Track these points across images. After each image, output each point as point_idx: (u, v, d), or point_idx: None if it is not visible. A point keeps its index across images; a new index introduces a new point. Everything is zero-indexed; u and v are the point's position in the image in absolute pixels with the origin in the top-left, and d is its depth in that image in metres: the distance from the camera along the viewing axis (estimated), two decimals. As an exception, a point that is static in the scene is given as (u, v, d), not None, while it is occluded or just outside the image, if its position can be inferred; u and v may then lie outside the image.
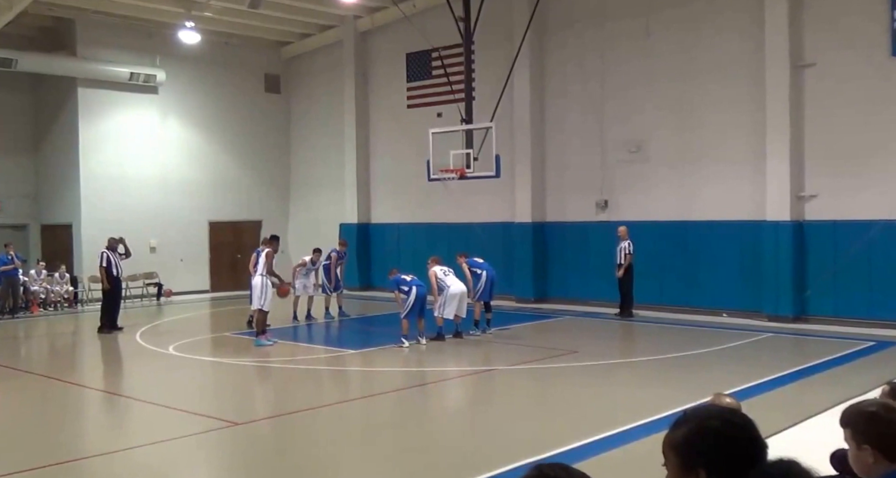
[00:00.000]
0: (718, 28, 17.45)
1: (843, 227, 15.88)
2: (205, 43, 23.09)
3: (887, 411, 2.90)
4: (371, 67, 24.48)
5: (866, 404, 3.00)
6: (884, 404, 3.01)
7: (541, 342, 14.68)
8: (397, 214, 23.52)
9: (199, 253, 24.32)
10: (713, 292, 17.46)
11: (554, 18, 20.19)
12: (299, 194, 26.79)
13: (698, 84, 17.75)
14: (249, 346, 14.32)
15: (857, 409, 2.95)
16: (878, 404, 2.99)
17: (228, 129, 25.15)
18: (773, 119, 16.42)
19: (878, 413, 2.88)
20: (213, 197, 24.73)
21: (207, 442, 8.54)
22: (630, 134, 18.86)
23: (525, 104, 20.40)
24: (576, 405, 9.94)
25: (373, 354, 13.95)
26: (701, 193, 17.80)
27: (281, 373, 12.56)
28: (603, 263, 18.18)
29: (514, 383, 11.71)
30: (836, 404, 8.81)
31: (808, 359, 12.55)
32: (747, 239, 17.01)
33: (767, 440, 2.12)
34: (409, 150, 22.23)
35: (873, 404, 2.99)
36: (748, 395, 9.25)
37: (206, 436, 8.69)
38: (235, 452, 8.30)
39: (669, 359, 12.63)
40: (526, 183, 20.46)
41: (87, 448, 8.39)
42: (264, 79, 26.18)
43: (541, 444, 7.92)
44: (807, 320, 16.11)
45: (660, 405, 8.94)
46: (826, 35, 15.95)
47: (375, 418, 9.80)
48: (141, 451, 8.06)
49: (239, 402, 10.69)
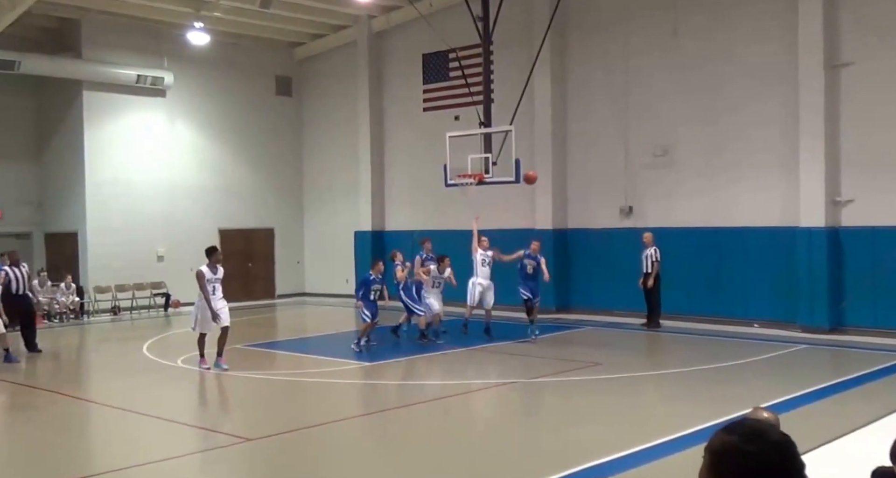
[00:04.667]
0: (750, 25, 17.39)
1: (882, 233, 15.75)
2: (214, 44, 23.25)
3: None
4: (386, 69, 24.56)
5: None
6: None
7: (562, 354, 14.66)
8: (413, 221, 23.54)
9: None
10: (744, 302, 17.36)
11: (576, 17, 20.20)
12: (312, 201, 26.89)
13: (727, 84, 17.69)
14: (262, 358, 14.37)
15: None
16: None
17: (239, 133, 25.29)
18: (806, 120, 16.34)
19: None
20: (223, 204, 24.84)
21: (217, 459, 8.56)
22: (656, 137, 18.82)
23: (546, 107, 20.40)
24: (601, 420, 9.90)
25: (384, 367, 13.96)
26: (730, 198, 17.73)
27: (294, 386, 12.59)
28: (628, 272, 18.12)
29: (535, 396, 11.69)
30: (876, 419, 8.75)
31: (846, 372, 12.44)
32: (780, 246, 16.92)
33: (805, 456, 2.11)
34: (426, 154, 22.27)
35: None
36: (783, 409, 9.17)
37: (215, 453, 8.71)
38: (246, 469, 8.33)
39: (698, 371, 12.56)
40: (547, 188, 20.44)
41: (93, 466, 8.42)
42: (276, 81, 26.31)
43: (564, 459, 7.89)
44: (844, 332, 15.97)
45: (690, 420, 8.89)
46: (863, 33, 15.86)
47: (394, 433, 9.80)
48: (147, 469, 8.09)
49: (251, 417, 10.72)
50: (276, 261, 26.23)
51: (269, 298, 25.49)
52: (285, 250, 26.39)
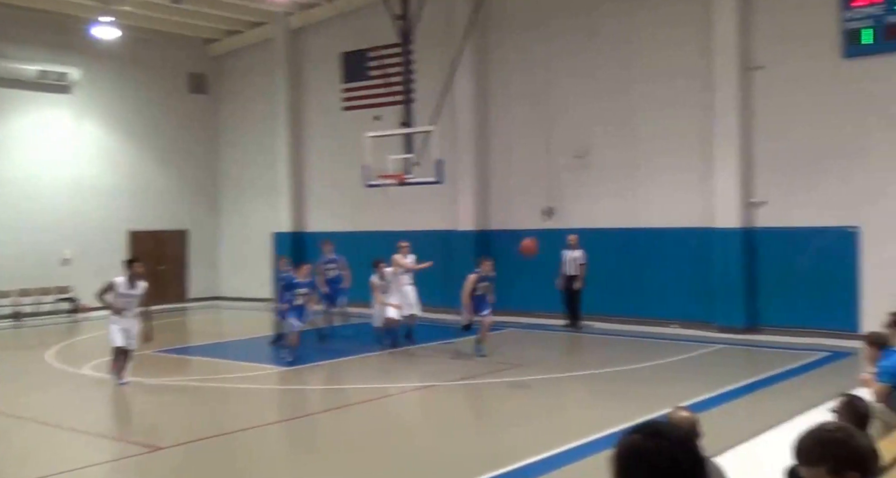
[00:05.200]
0: (666, 29, 17.73)
1: (795, 234, 16.24)
2: (124, 39, 22.57)
3: (850, 432, 2.89)
4: (305, 67, 24.30)
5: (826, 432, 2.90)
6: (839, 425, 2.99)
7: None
8: (334, 222, 23.33)
9: (118, 265, 23.72)
10: (662, 303, 17.69)
11: (497, 18, 20.30)
12: (229, 202, 26.40)
13: (644, 86, 18.00)
14: (174, 364, 14.02)
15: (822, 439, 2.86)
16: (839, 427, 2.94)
17: (150, 131, 24.65)
18: (721, 123, 16.75)
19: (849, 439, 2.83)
20: (133, 204, 24.18)
21: (125, 469, 8.32)
22: (576, 139, 19.05)
23: (467, 107, 20.46)
24: (522, 422, 9.94)
25: (303, 372, 13.75)
26: (649, 200, 18.05)
27: (207, 392, 12.29)
28: (550, 273, 18.26)
29: (454, 399, 11.67)
30: (790, 418, 8.99)
31: (761, 371, 12.78)
32: (696, 247, 17.29)
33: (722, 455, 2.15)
34: (346, 154, 22.07)
35: (835, 429, 2.92)
36: (701, 408, 9.34)
37: (124, 462, 8.45)
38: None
39: (619, 372, 12.74)
40: (469, 189, 20.51)
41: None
42: (189, 78, 25.75)
43: (485, 463, 7.88)
44: (759, 331, 16.42)
45: (611, 421, 8.98)
46: (776, 37, 16.32)
47: (311, 439, 9.66)
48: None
49: (162, 424, 10.43)
50: (190, 263, 25.66)
51: (182, 301, 24.88)
52: (199, 252, 25.83)
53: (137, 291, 12.35)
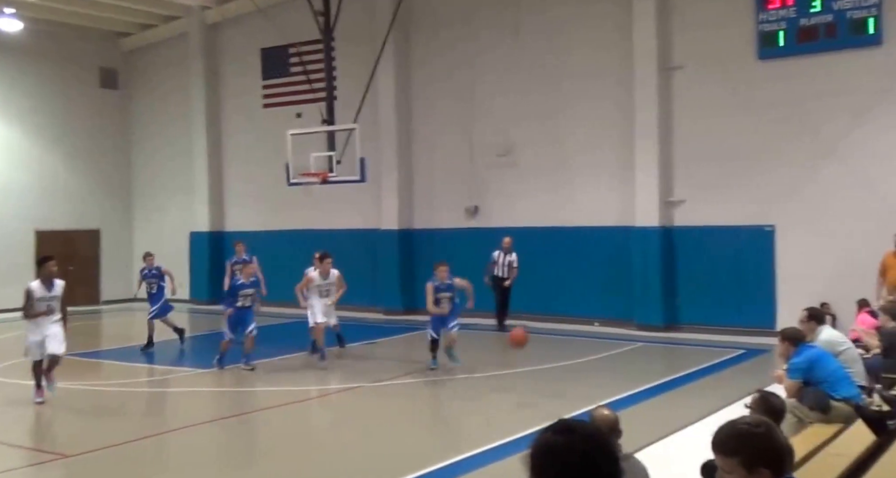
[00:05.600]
0: (587, 27, 17.98)
1: (712, 232, 16.64)
2: (29, 32, 21.82)
3: (770, 429, 2.95)
4: (222, 63, 23.88)
5: (746, 425, 2.97)
6: (760, 421, 3.06)
7: (409, 357, 14.67)
8: (255, 222, 22.99)
9: (24, 266, 22.91)
10: (584, 301, 17.93)
11: (419, 14, 20.30)
12: (143, 200, 25.78)
13: (565, 85, 18.20)
14: (86, 369, 13.62)
15: (740, 432, 2.93)
16: (760, 423, 3.00)
17: (58, 127, 23.89)
18: (641, 122, 17.05)
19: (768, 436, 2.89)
20: (40, 203, 23.41)
21: (31, 479, 8.02)
22: (498, 137, 19.16)
23: (390, 105, 20.39)
24: (443, 422, 9.95)
25: (222, 375, 13.48)
26: (570, 199, 18.26)
27: (120, 397, 11.94)
28: (475, 272, 18.26)
29: (378, 400, 11.60)
30: (707, 415, 9.21)
31: (679, 369, 13.05)
32: (617, 245, 17.57)
33: (641, 451, 2.17)
34: (267, 152, 21.77)
35: (755, 424, 2.98)
36: (621, 406, 9.49)
37: (29, 471, 8.17)
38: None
39: (541, 371, 12.87)
40: (392, 188, 20.44)
41: None
42: (100, 73, 25.07)
43: (403, 465, 7.85)
44: (677, 329, 16.78)
45: (532, 420, 9.04)
46: (694, 37, 16.68)
47: (225, 444, 9.48)
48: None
49: (72, 431, 10.11)
50: (102, 264, 24.97)
51: (94, 304, 24.17)
52: (112, 253, 25.13)
53: (56, 291, 11.32)
